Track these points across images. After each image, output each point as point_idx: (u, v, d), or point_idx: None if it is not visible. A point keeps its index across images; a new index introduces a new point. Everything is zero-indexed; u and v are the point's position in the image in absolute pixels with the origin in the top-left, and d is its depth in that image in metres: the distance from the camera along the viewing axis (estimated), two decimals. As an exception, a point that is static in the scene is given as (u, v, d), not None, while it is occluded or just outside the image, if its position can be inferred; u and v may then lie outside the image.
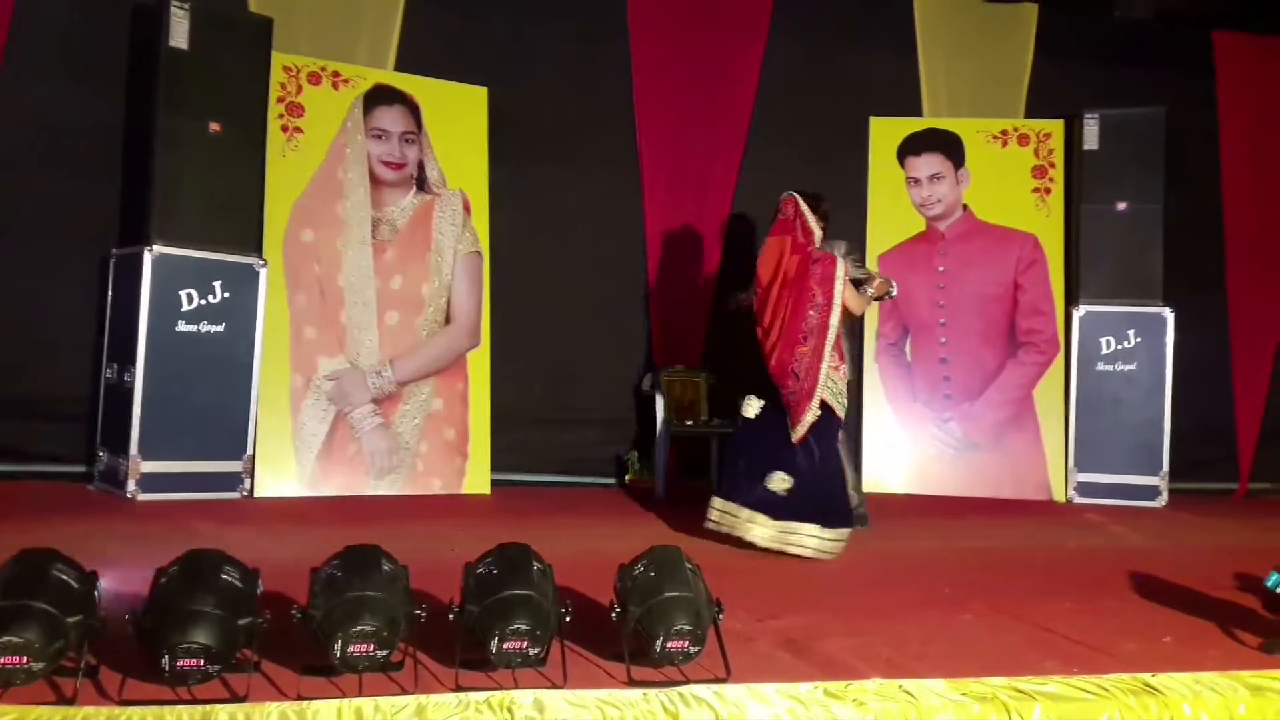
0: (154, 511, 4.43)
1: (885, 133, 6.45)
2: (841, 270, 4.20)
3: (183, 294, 4.78)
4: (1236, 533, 5.42)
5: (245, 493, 4.92)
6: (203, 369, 4.81)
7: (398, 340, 5.43)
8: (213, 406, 4.85)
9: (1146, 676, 2.62)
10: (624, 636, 2.50)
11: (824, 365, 4.16)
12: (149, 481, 4.64)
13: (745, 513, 4.19)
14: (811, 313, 4.18)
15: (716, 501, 4.26)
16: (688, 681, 2.44)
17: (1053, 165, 6.43)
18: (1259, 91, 6.78)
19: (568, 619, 2.46)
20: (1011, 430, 6.22)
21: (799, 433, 4.20)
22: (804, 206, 4.30)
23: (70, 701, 2.16)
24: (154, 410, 4.66)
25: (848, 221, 5.86)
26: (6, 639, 2.08)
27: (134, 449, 4.62)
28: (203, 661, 2.18)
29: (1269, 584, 2.95)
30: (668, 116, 6.04)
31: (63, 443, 5.03)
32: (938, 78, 6.54)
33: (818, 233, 4.29)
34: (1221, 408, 6.73)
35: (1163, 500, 6.03)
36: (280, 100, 5.25)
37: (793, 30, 6.22)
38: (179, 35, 4.76)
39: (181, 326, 4.79)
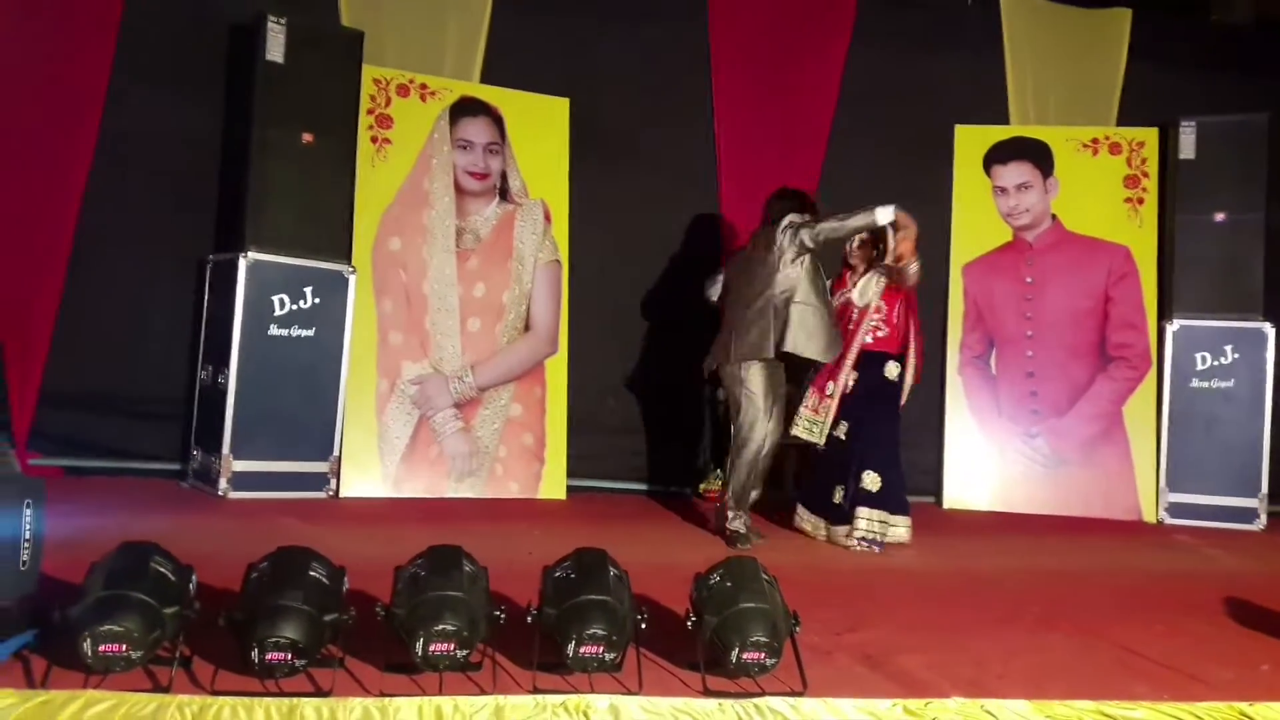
0: (244, 509, 4.58)
1: (971, 140, 6.34)
2: None
3: (275, 299, 4.93)
4: (1341, 559, 5.17)
5: (331, 493, 5.05)
6: (293, 372, 4.95)
7: (479, 346, 5.52)
8: (302, 408, 4.99)
9: (1243, 706, 2.52)
10: (700, 645, 2.50)
11: None
12: (240, 480, 4.79)
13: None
14: None
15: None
16: (763, 693, 2.43)
17: (1146, 175, 6.24)
18: (1367, 96, 6.48)
19: (644, 625, 2.47)
20: (1101, 447, 6.04)
21: None
22: None
23: (165, 690, 2.24)
24: (245, 411, 4.82)
25: (932, 231, 5.76)
26: (108, 627, 2.18)
27: (226, 448, 4.78)
28: (290, 656, 2.25)
29: (1377, 613, 2.81)
30: (747, 125, 6.03)
31: (159, 441, 5.22)
32: (1026, 84, 6.41)
33: None
34: (1326, 428, 6.42)
35: (1261, 523, 5.79)
36: (370, 112, 5.40)
37: (876, 35, 6.16)
38: (275, 49, 4.93)
39: (273, 330, 4.94)
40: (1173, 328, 5.99)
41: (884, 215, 4.34)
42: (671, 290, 5.90)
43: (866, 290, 4.72)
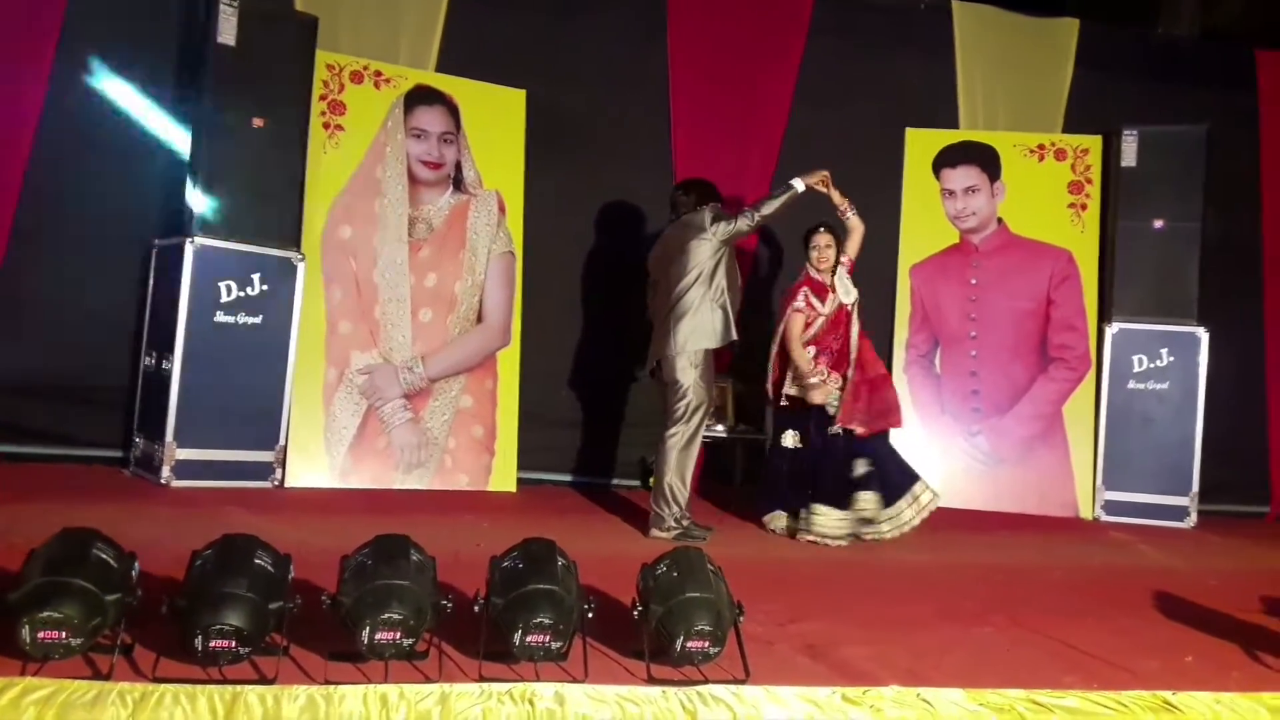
0: (187, 497, 4.52)
1: (921, 143, 6.44)
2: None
3: (222, 285, 4.87)
4: (1265, 556, 5.36)
5: (276, 482, 5.00)
6: (239, 360, 4.90)
7: (430, 337, 5.50)
8: (247, 396, 4.94)
9: (1167, 695, 2.61)
10: (645, 635, 2.54)
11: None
12: (183, 468, 4.73)
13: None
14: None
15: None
16: (706, 681, 2.47)
17: (1089, 181, 6.39)
18: (1301, 111, 6.71)
19: (590, 615, 2.50)
20: (1040, 446, 6.19)
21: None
22: None
23: (106, 677, 2.22)
24: (190, 399, 4.75)
25: (881, 232, 5.87)
26: (47, 614, 2.15)
27: (169, 436, 4.71)
28: (234, 643, 2.24)
29: (1295, 607, 2.93)
30: (704, 119, 6.08)
31: (101, 428, 5.14)
32: (975, 90, 6.53)
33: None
34: (1254, 430, 6.66)
35: (1192, 521, 5.98)
36: (323, 98, 5.34)
37: (831, 36, 6.25)
38: (227, 32, 4.86)
39: (220, 317, 4.88)
40: (1112, 330, 6.15)
41: (799, 184, 4.59)
42: (625, 284, 5.91)
43: (847, 286, 4.83)
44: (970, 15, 6.51)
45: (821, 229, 4.86)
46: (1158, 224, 6.16)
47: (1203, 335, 6.06)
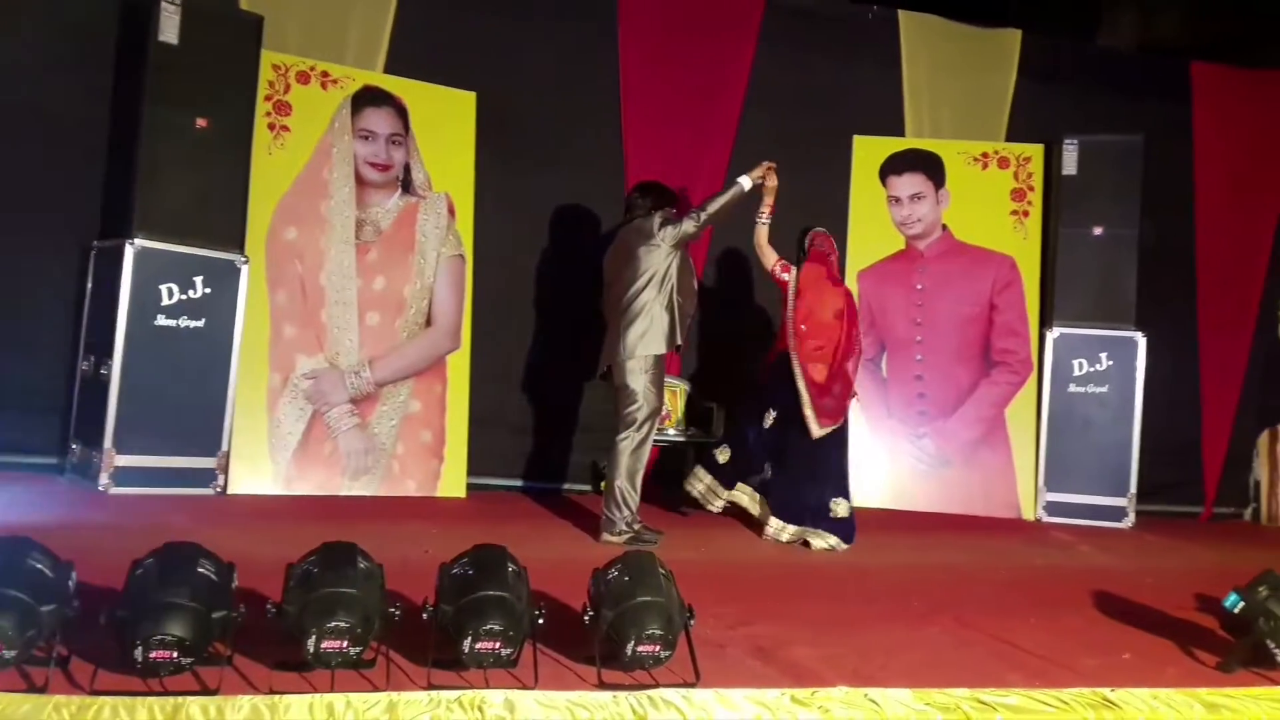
0: (126, 505, 4.42)
1: (868, 151, 6.53)
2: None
3: (163, 288, 4.77)
4: (1199, 555, 5.51)
5: (219, 489, 4.91)
6: (180, 364, 4.80)
7: (377, 341, 5.44)
8: (189, 402, 4.83)
9: (1105, 691, 2.67)
10: (596, 640, 2.53)
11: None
12: (122, 475, 4.62)
13: None
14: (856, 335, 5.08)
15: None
16: (657, 685, 2.47)
17: (1031, 189, 6.52)
18: (1234, 123, 6.92)
19: (541, 621, 2.49)
20: (983, 448, 6.30)
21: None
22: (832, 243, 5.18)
23: (41, 690, 2.16)
24: (130, 404, 4.65)
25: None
26: (-21, 626, 2.09)
27: (108, 442, 4.60)
28: (175, 654, 2.19)
29: (1227, 605, 3.01)
30: (655, 124, 6.09)
31: (36, 434, 4.99)
32: (921, 98, 6.63)
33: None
34: (1189, 432, 6.84)
35: (1129, 521, 6.12)
36: (268, 98, 5.26)
37: (781, 44, 6.30)
38: (169, 30, 4.76)
39: (161, 321, 4.78)
40: (1053, 335, 6.28)
41: (746, 181, 4.65)
42: (577, 287, 5.90)
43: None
44: (916, 24, 6.61)
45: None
46: (1097, 231, 6.30)
47: (1140, 340, 6.20)
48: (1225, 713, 2.62)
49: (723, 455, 5.03)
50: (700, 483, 5.05)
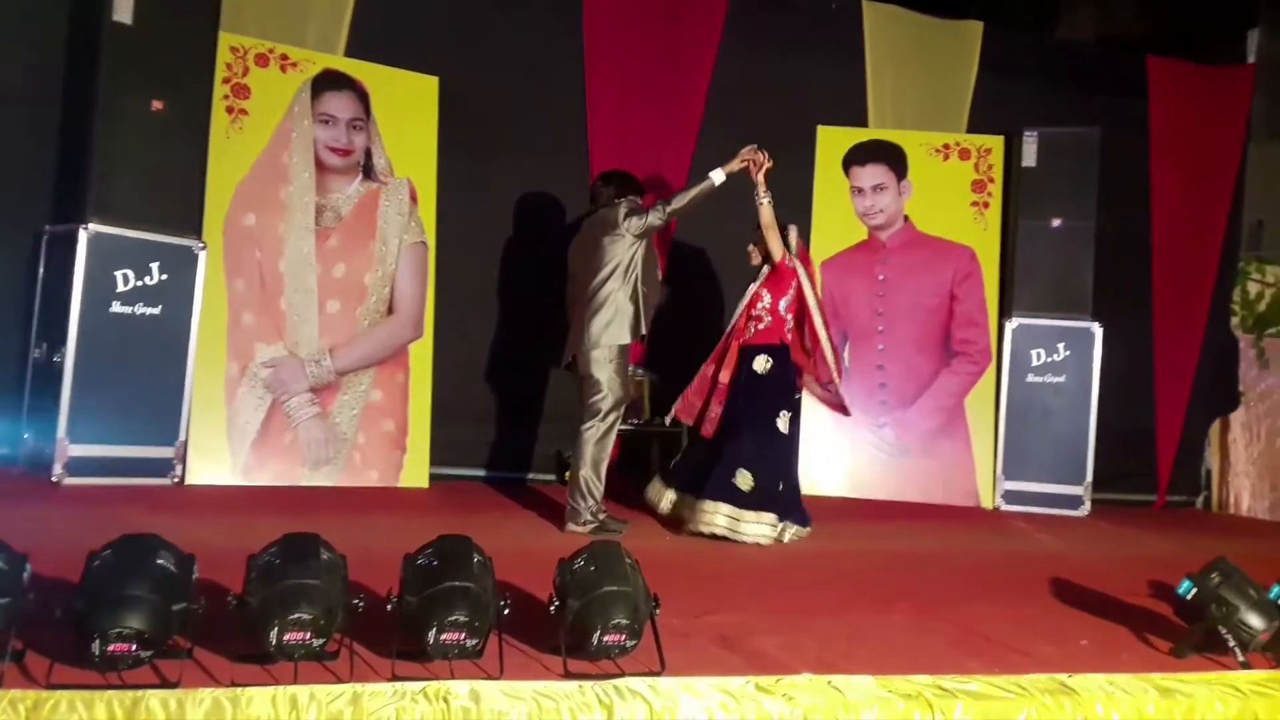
0: (81, 496, 4.34)
1: (832, 141, 6.55)
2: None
3: (118, 274, 4.68)
4: (1153, 543, 5.62)
5: (176, 480, 4.83)
6: (136, 352, 4.71)
7: (338, 329, 5.38)
8: (145, 390, 4.75)
9: (1063, 677, 2.71)
10: (562, 630, 2.53)
11: None
12: (77, 465, 4.54)
13: None
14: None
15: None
16: (623, 675, 2.47)
17: (992, 180, 6.59)
18: (1188, 116, 7.02)
19: (506, 612, 2.48)
20: (943, 437, 6.37)
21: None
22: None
23: (-5, 685, 2.12)
24: (84, 392, 4.56)
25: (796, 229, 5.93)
26: (-71, 621, 2.04)
27: (62, 431, 4.51)
28: (135, 647, 2.16)
29: (1180, 591, 3.08)
30: (620, 111, 6.07)
31: (-14, 423, 4.89)
32: (884, 90, 6.67)
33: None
34: (1144, 422, 6.96)
35: (1085, 510, 6.22)
36: (226, 81, 5.17)
37: (746, 34, 6.29)
38: (123, 9, 4.66)
39: (116, 308, 4.69)
40: (1011, 325, 6.35)
41: (718, 176, 4.54)
42: (541, 275, 5.87)
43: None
44: (880, 15, 6.64)
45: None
46: (1055, 223, 6.38)
47: (1097, 330, 6.30)
48: (1179, 697, 2.67)
49: (745, 483, 4.49)
50: (722, 517, 4.47)
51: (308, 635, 2.26)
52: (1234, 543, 5.35)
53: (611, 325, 4.48)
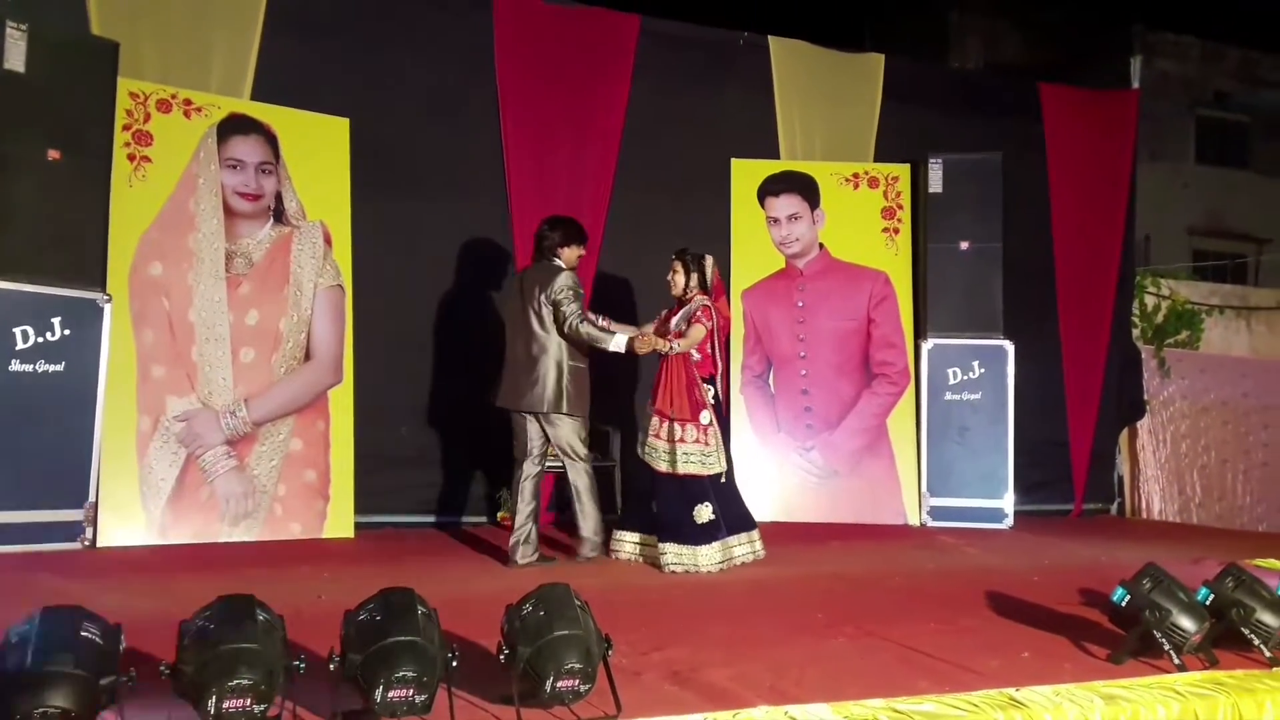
0: (-16, 566, 4.09)
1: (746, 174, 6.65)
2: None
3: (17, 331, 4.48)
4: (1075, 550, 5.76)
5: (88, 543, 4.61)
6: (40, 411, 4.51)
7: (253, 378, 5.21)
8: (51, 451, 4.55)
9: (1011, 691, 2.75)
10: (513, 678, 2.46)
11: None
12: (-22, 533, 4.29)
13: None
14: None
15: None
16: (578, 720, 2.42)
17: (901, 207, 6.76)
18: (1081, 139, 7.34)
19: (454, 664, 2.40)
20: (869, 458, 6.46)
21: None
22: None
23: (-96, 780, 1.96)
24: (-17, 457, 4.33)
25: (714, 258, 5.98)
26: None
27: (-40, 499, 4.27)
28: (60, 727, 2.02)
29: (1115, 599, 3.15)
30: (536, 151, 6.06)
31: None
32: (793, 122, 6.80)
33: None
34: (1057, 433, 7.19)
35: (1009, 522, 6.37)
36: (126, 128, 5.00)
37: (656, 70, 6.36)
38: (15, 57, 4.49)
39: (15, 366, 4.47)
40: (927, 346, 6.50)
41: (621, 341, 4.63)
42: (461, 316, 5.81)
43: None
44: (786, 50, 6.79)
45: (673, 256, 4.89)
46: (964, 245, 6.57)
47: (1009, 347, 6.49)
48: (1123, 704, 2.73)
49: (703, 515, 4.67)
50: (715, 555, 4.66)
51: (248, 701, 2.16)
52: (1151, 547, 5.52)
53: (580, 395, 4.67)
